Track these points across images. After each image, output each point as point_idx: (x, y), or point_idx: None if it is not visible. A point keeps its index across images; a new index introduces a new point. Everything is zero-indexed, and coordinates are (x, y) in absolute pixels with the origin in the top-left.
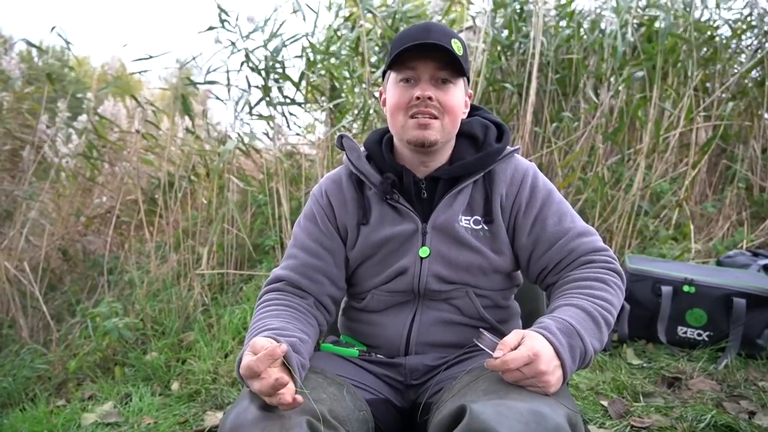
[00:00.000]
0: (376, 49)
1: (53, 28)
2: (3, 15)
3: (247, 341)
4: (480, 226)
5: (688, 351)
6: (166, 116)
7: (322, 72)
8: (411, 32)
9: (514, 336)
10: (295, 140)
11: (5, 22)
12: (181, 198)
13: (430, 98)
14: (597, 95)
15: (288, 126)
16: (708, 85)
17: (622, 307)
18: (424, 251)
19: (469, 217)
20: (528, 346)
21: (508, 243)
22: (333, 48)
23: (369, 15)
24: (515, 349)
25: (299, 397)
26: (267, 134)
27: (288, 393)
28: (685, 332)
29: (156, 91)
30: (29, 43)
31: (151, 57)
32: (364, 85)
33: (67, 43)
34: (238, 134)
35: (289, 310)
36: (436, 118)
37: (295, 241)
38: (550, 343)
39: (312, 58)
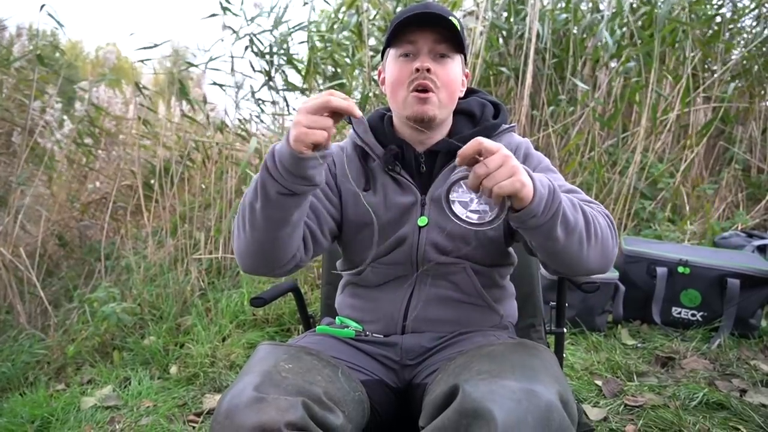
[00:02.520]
0: (377, 33)
1: (42, 6)
2: None
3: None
4: None
5: (682, 331)
6: (162, 101)
7: (324, 56)
8: (409, 9)
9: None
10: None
11: None
12: (178, 183)
13: (428, 70)
14: (595, 77)
15: (288, 111)
16: (708, 65)
17: (617, 288)
18: (422, 220)
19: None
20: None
21: None
22: (335, 33)
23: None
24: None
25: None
26: (260, 118)
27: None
28: (680, 313)
29: (150, 77)
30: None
31: (155, 46)
32: (364, 69)
33: (59, 23)
34: (238, 119)
35: None
36: (433, 91)
37: None
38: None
39: (315, 45)
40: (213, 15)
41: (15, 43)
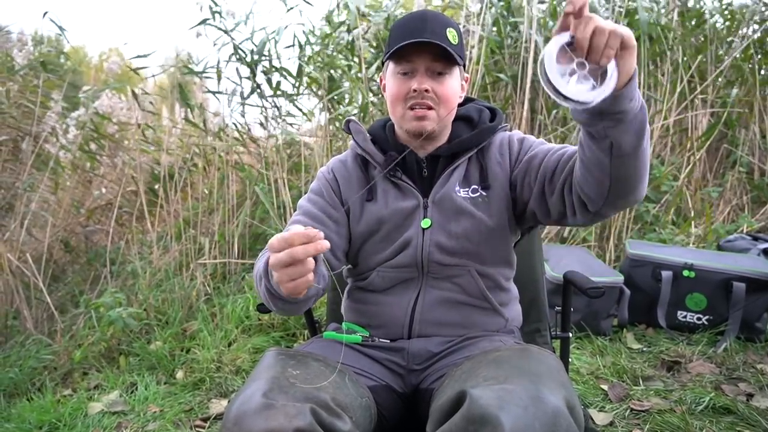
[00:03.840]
0: (371, 49)
1: (45, 14)
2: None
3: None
4: (478, 194)
5: (687, 335)
6: (165, 106)
7: (319, 64)
8: (407, 23)
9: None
10: (293, 129)
11: None
12: (182, 188)
13: (426, 90)
14: None
15: (281, 117)
16: (708, 70)
17: (622, 292)
18: (425, 222)
19: (466, 188)
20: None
21: (507, 200)
22: (331, 41)
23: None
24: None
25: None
26: (262, 124)
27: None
28: (685, 316)
29: (152, 82)
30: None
31: (148, 54)
32: (360, 79)
33: (62, 29)
34: (235, 124)
35: None
36: (432, 108)
37: (300, 210)
38: None
39: (305, 48)
40: (204, 21)
41: (15, 48)
